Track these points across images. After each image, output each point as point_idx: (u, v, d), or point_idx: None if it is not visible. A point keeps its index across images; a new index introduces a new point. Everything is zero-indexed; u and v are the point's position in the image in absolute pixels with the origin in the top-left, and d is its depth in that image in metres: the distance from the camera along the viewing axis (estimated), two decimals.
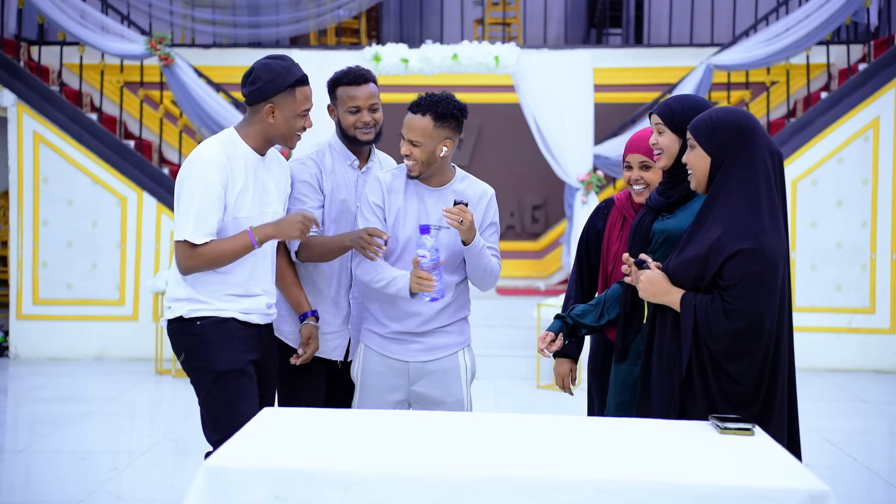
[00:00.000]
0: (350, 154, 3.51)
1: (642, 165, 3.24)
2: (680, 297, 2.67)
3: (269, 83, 3.14)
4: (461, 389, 3.36)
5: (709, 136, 2.69)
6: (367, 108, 3.45)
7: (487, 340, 7.88)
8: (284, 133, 3.19)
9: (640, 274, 2.76)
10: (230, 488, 2.21)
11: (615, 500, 2.15)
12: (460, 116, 3.33)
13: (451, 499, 2.17)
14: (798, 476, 2.21)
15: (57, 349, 8.25)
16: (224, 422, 3.08)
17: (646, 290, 2.74)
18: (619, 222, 3.39)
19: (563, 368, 3.50)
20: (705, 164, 2.70)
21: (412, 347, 3.33)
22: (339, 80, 3.48)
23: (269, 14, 9.34)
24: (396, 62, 8.22)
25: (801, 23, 8.22)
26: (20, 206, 8.27)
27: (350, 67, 3.51)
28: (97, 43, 8.31)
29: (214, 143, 3.16)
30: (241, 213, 3.15)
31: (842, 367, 8.11)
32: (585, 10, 11.71)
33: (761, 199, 2.62)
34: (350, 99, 3.44)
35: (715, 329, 2.59)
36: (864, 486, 5.05)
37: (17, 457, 5.32)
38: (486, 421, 2.71)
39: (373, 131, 3.47)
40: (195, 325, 3.14)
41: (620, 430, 2.59)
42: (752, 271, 2.57)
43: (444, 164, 3.32)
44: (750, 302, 2.57)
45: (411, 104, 3.29)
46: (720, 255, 2.59)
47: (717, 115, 2.72)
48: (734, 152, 2.66)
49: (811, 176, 8.19)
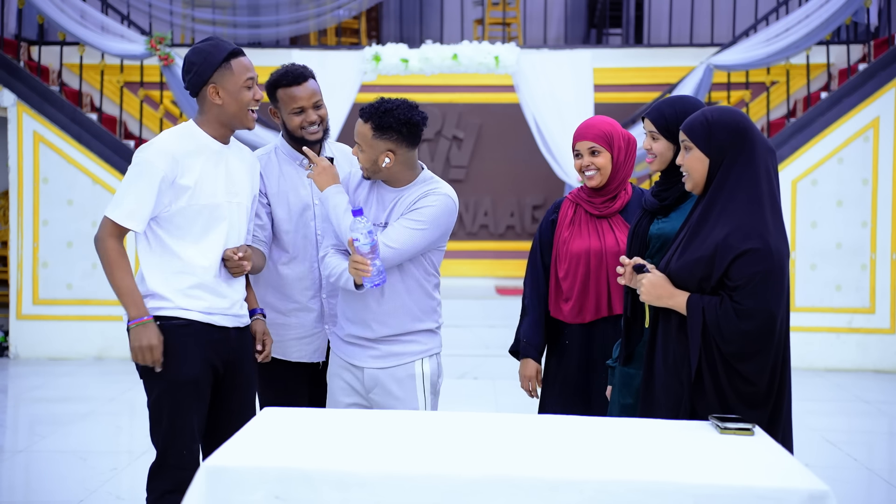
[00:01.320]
0: (297, 155, 3.43)
1: (591, 151, 3.35)
2: (686, 300, 2.65)
3: (202, 65, 3.07)
4: (416, 399, 3.22)
5: (706, 138, 2.67)
6: (311, 107, 3.37)
7: (487, 340, 7.88)
8: (236, 111, 3.10)
9: (642, 278, 2.74)
10: (230, 488, 2.21)
11: (615, 500, 2.15)
12: (404, 132, 3.10)
13: (450, 499, 2.17)
14: (798, 476, 2.21)
15: (57, 349, 8.24)
16: (164, 431, 3.03)
17: (649, 293, 2.72)
18: (572, 210, 3.45)
19: (530, 370, 3.50)
20: (703, 165, 2.69)
21: (367, 353, 3.23)
22: (278, 81, 3.38)
23: (269, 14, 9.33)
24: (396, 62, 8.22)
25: (801, 23, 8.21)
26: (20, 206, 8.27)
27: (287, 67, 3.40)
28: (97, 43, 8.31)
29: (171, 132, 3.13)
30: (206, 199, 3.07)
31: (842, 367, 8.11)
32: (585, 10, 11.70)
33: (763, 197, 2.62)
34: (292, 100, 3.35)
35: (726, 331, 2.57)
36: (864, 486, 5.05)
37: (17, 457, 5.32)
38: (486, 421, 2.70)
39: (320, 129, 3.40)
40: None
41: (620, 430, 2.59)
42: (760, 270, 2.56)
43: (392, 173, 3.17)
44: (760, 301, 2.56)
45: (362, 106, 3.19)
46: (727, 255, 2.58)
47: (713, 116, 2.70)
48: (733, 152, 2.65)
49: (811, 176, 8.19)
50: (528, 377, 3.50)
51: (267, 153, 3.48)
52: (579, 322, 3.39)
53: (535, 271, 3.52)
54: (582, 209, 3.43)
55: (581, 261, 3.36)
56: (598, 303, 3.35)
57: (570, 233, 3.41)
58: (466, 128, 10.16)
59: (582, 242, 3.37)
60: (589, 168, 3.36)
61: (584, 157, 3.37)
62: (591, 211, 3.40)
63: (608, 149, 3.34)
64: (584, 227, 3.40)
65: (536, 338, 3.49)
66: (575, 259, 3.37)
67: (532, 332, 3.49)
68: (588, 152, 3.35)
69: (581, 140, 3.37)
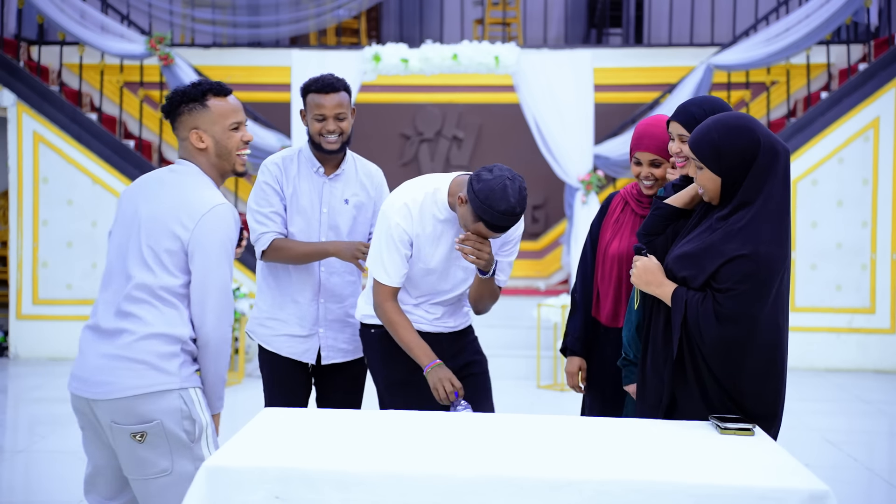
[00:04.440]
0: (315, 161, 3.53)
1: (653, 163, 3.22)
2: (672, 291, 2.67)
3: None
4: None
5: (716, 162, 2.63)
6: (332, 117, 3.45)
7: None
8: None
9: (636, 260, 2.76)
10: (230, 488, 2.21)
11: (615, 500, 2.15)
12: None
13: (450, 498, 2.17)
14: (798, 476, 2.21)
15: (57, 349, 8.24)
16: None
17: (639, 277, 2.75)
18: (620, 207, 3.38)
19: (573, 367, 3.48)
20: (716, 184, 2.66)
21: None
22: (310, 86, 3.50)
23: (269, 14, 9.34)
24: (396, 62, 8.22)
25: (802, 23, 8.21)
26: (20, 206, 8.27)
27: (323, 75, 3.51)
28: (97, 43, 8.31)
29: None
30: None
31: (842, 367, 8.11)
32: (585, 10, 11.70)
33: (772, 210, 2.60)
34: (317, 107, 3.46)
35: (705, 331, 2.58)
36: (864, 486, 5.05)
37: (17, 457, 5.32)
38: (485, 421, 2.71)
39: (338, 140, 3.48)
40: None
41: (620, 430, 2.59)
42: (746, 275, 2.55)
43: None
44: (743, 305, 2.56)
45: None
46: (717, 259, 2.58)
47: (721, 137, 2.63)
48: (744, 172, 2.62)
49: (811, 176, 8.19)
50: (571, 374, 3.45)
51: (291, 154, 3.56)
52: (614, 326, 3.33)
53: (585, 267, 3.45)
54: (630, 208, 3.35)
55: (615, 264, 3.30)
56: None
57: (613, 233, 3.34)
58: (466, 128, 10.16)
59: (621, 245, 3.29)
60: (648, 178, 3.23)
61: (643, 167, 3.23)
62: (638, 211, 3.32)
63: (668, 160, 3.21)
64: (627, 228, 3.32)
65: (582, 334, 3.42)
66: (611, 262, 3.30)
67: (577, 329, 3.43)
68: (649, 163, 3.22)
69: (644, 151, 3.22)
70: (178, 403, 2.64)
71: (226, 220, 2.71)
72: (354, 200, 3.55)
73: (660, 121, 3.23)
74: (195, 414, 2.67)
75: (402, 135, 9.99)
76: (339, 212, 3.53)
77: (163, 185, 2.79)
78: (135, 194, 2.81)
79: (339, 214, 3.53)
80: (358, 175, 3.59)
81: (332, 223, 3.52)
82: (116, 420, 2.62)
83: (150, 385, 2.61)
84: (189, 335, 2.70)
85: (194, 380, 2.71)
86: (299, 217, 3.51)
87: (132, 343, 2.63)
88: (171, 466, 2.63)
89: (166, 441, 2.63)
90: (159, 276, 2.67)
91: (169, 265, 2.68)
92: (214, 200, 2.72)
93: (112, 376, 2.62)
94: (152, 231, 2.70)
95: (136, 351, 2.63)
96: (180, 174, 2.80)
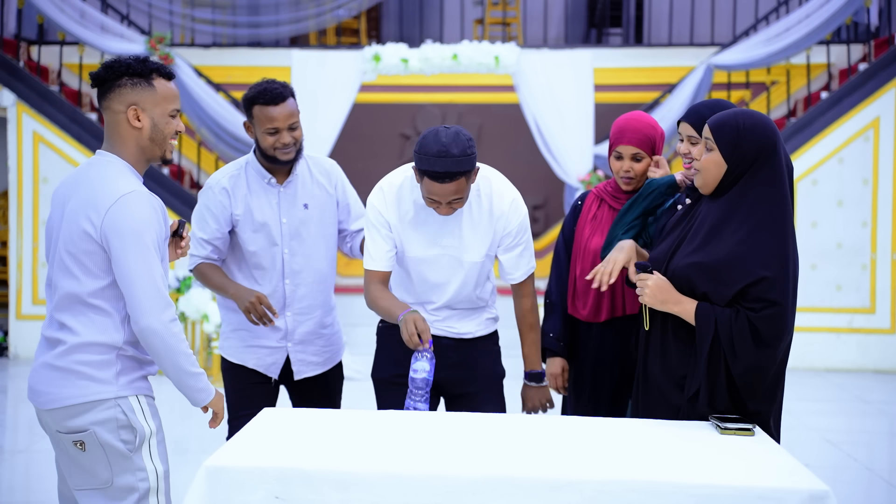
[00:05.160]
0: (266, 173, 3.37)
1: (634, 157, 3.20)
2: (694, 308, 2.58)
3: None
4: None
5: (732, 146, 2.57)
6: (285, 129, 3.28)
7: None
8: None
9: (646, 279, 2.65)
10: (230, 488, 2.21)
11: (615, 500, 2.15)
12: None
13: (450, 499, 2.17)
14: (798, 476, 2.21)
15: None
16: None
17: (654, 297, 2.63)
18: (596, 204, 3.36)
19: (556, 368, 3.48)
20: (719, 171, 2.60)
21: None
22: (255, 99, 3.29)
23: (269, 14, 9.33)
24: (396, 62, 8.22)
25: (802, 23, 8.22)
26: (20, 206, 8.27)
27: (266, 84, 3.30)
28: (97, 43, 8.30)
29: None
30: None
31: (842, 367, 8.11)
32: (585, 9, 11.70)
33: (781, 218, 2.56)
34: (268, 120, 3.27)
35: (741, 350, 2.52)
36: (864, 486, 5.05)
37: (17, 457, 5.32)
38: (486, 421, 2.70)
39: (293, 150, 3.32)
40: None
41: (621, 430, 2.58)
42: (779, 299, 2.50)
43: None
44: (777, 328, 2.52)
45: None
46: (744, 278, 2.52)
47: (745, 124, 2.59)
48: (755, 168, 2.58)
49: (811, 176, 8.18)
50: (554, 375, 3.46)
51: (238, 170, 3.40)
52: (595, 321, 3.33)
53: (560, 267, 3.44)
54: (606, 204, 3.33)
55: (598, 260, 3.25)
56: (613, 302, 3.30)
57: (592, 230, 3.32)
58: (466, 128, 10.13)
59: (601, 240, 3.27)
60: (628, 172, 3.21)
61: (625, 161, 3.21)
62: (615, 206, 3.30)
63: (650, 154, 3.21)
64: (605, 224, 3.30)
65: (562, 335, 3.43)
66: (592, 257, 3.28)
67: (557, 329, 3.43)
68: (631, 157, 3.20)
69: (626, 144, 3.20)
70: (113, 413, 2.54)
71: (136, 208, 2.51)
72: (314, 203, 3.42)
73: (641, 115, 3.24)
74: (136, 423, 2.56)
75: (402, 135, 9.99)
76: (299, 220, 3.39)
77: (77, 184, 2.60)
78: (57, 196, 2.65)
79: (300, 223, 3.39)
80: (313, 176, 3.44)
81: (293, 233, 3.38)
82: (59, 429, 2.57)
83: (82, 395, 2.53)
84: (124, 340, 2.57)
85: (138, 387, 2.60)
86: (257, 234, 3.36)
87: (64, 353, 2.55)
88: (112, 478, 2.54)
89: (103, 451, 2.53)
90: (83, 282, 2.53)
91: (91, 267, 2.53)
92: (122, 189, 2.52)
93: (50, 386, 2.55)
94: (69, 234, 2.54)
95: (69, 361, 2.54)
96: (95, 166, 2.60)
